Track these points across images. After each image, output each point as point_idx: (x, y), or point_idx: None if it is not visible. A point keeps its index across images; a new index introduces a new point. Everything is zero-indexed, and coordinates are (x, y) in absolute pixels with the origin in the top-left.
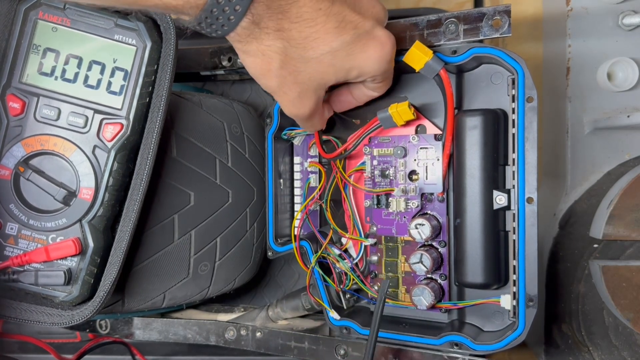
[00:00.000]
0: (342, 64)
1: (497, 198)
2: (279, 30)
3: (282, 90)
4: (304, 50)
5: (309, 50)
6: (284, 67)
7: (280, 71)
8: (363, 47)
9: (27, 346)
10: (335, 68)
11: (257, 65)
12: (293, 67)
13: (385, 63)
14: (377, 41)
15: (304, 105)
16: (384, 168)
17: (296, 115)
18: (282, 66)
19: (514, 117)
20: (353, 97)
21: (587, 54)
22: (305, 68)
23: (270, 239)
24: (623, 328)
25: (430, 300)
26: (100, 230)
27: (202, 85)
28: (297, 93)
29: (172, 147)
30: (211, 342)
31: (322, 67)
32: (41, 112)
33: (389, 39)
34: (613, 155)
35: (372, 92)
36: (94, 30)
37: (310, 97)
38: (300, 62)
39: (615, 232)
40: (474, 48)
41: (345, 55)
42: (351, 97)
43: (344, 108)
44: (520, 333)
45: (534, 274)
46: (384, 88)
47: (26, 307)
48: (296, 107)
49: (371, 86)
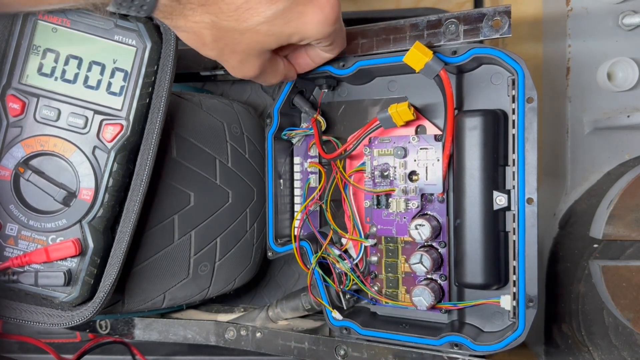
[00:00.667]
0: (281, 31)
1: (497, 199)
2: (204, 5)
3: (223, 58)
4: (237, 22)
5: (242, 22)
6: (218, 40)
7: (215, 44)
8: (300, 13)
9: (27, 346)
10: (274, 36)
11: (191, 40)
12: (229, 38)
13: (328, 26)
14: (314, 5)
15: (248, 69)
16: (383, 168)
17: (244, 77)
18: (216, 39)
19: (514, 118)
20: (310, 59)
21: (587, 54)
22: (242, 39)
23: (270, 239)
24: (623, 328)
25: (430, 300)
26: (100, 231)
27: (202, 85)
28: (238, 60)
29: (172, 147)
30: (211, 342)
31: (259, 36)
32: (41, 113)
33: (327, 2)
34: (613, 155)
35: (326, 54)
36: (93, 30)
37: (254, 62)
38: (235, 34)
39: (615, 232)
40: (474, 48)
41: (283, 23)
42: (309, 59)
43: (304, 69)
44: (520, 334)
45: (534, 274)
46: (336, 50)
47: (26, 307)
48: (241, 72)
49: (322, 48)
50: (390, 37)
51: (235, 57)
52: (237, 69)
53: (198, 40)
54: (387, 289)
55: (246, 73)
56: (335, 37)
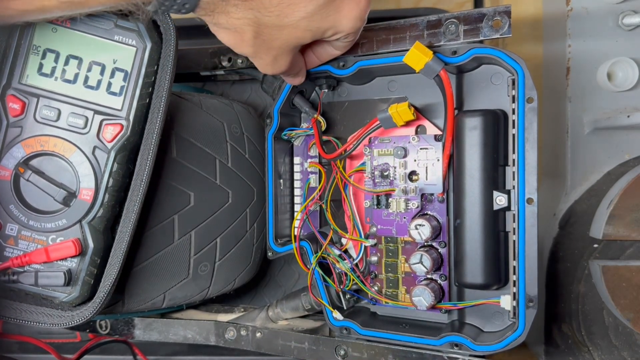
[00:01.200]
0: (319, 26)
1: (497, 199)
2: (247, 0)
3: (258, 56)
4: (278, 18)
5: (283, 18)
6: (258, 37)
7: (254, 40)
8: (338, 7)
9: (27, 346)
10: (312, 32)
11: (230, 38)
12: (267, 35)
13: (360, 21)
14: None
15: (280, 66)
16: (383, 168)
17: (273, 73)
18: (256, 36)
19: (514, 118)
20: (316, 56)
21: (587, 54)
22: (280, 35)
23: (270, 239)
24: (623, 328)
25: (430, 300)
26: (100, 231)
27: (202, 85)
28: (273, 57)
29: (172, 147)
30: (211, 342)
31: (298, 32)
32: (41, 113)
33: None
34: (613, 155)
35: (337, 51)
36: (94, 30)
37: (286, 58)
38: (275, 30)
39: (615, 232)
40: (474, 49)
41: (321, 18)
42: (314, 57)
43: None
44: (520, 334)
45: (534, 274)
46: (350, 46)
47: (26, 307)
48: (273, 69)
49: (339, 45)
50: (390, 37)
51: (270, 53)
52: (269, 66)
53: (238, 37)
54: (387, 289)
55: (277, 69)
56: (359, 32)
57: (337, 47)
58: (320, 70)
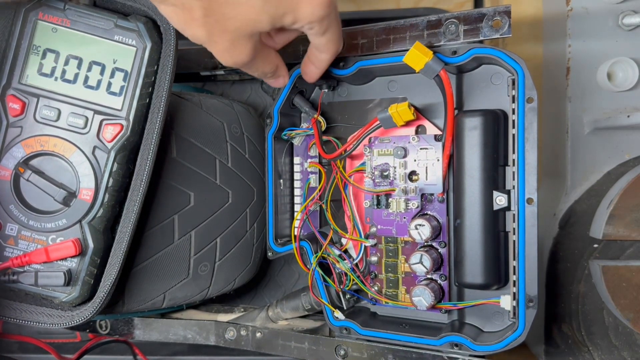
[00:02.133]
0: (276, 9)
1: (497, 199)
2: None
3: (212, 39)
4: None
5: None
6: (209, 15)
7: (205, 19)
8: None
9: (27, 346)
10: (268, 14)
11: (179, 15)
12: (220, 13)
13: (322, 8)
14: None
15: (240, 53)
16: (383, 168)
17: (235, 64)
18: (207, 14)
19: (514, 118)
20: (314, 65)
21: (587, 54)
22: (235, 14)
23: (270, 239)
24: (623, 328)
25: (430, 300)
26: (100, 231)
27: (202, 85)
28: (230, 41)
29: (172, 147)
30: (211, 342)
31: (253, 13)
32: (41, 113)
33: None
34: (613, 155)
35: (321, 53)
36: (93, 30)
37: (246, 44)
38: (227, 8)
39: (615, 232)
40: (474, 49)
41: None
42: (312, 66)
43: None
44: (520, 334)
45: (534, 274)
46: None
47: (26, 307)
48: (232, 56)
49: (315, 42)
50: (390, 37)
51: (226, 37)
52: (227, 52)
53: (186, 15)
54: (387, 289)
55: (237, 58)
56: (328, 25)
57: (316, 46)
58: None
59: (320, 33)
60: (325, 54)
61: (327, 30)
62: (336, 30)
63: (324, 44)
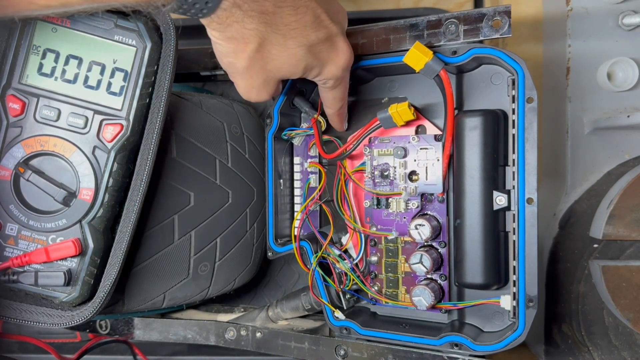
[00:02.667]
0: (311, 61)
1: (497, 199)
2: (263, 13)
3: (249, 73)
4: (284, 38)
5: (289, 40)
6: (259, 51)
7: (254, 54)
8: (330, 49)
9: (27, 346)
10: (304, 63)
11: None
12: (268, 52)
13: (343, 70)
14: (341, 47)
15: (266, 93)
16: (383, 168)
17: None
18: (259, 49)
19: (514, 118)
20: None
21: (587, 54)
22: (279, 56)
23: (270, 239)
24: (623, 328)
25: (430, 300)
26: (100, 231)
27: (202, 85)
28: (263, 80)
29: (172, 147)
30: (211, 342)
31: (294, 59)
32: (41, 113)
33: (349, 49)
34: (613, 155)
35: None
36: (93, 30)
37: (273, 85)
38: (276, 49)
39: (615, 232)
40: (474, 49)
41: (317, 52)
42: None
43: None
44: (520, 334)
45: (533, 274)
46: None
47: (26, 307)
48: (258, 94)
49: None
50: (390, 37)
51: (262, 74)
52: (255, 89)
53: (241, 46)
54: (387, 289)
55: (261, 97)
56: (339, 83)
57: (324, 100)
58: None
59: (330, 88)
60: (330, 109)
61: (336, 88)
62: (343, 89)
63: (330, 99)
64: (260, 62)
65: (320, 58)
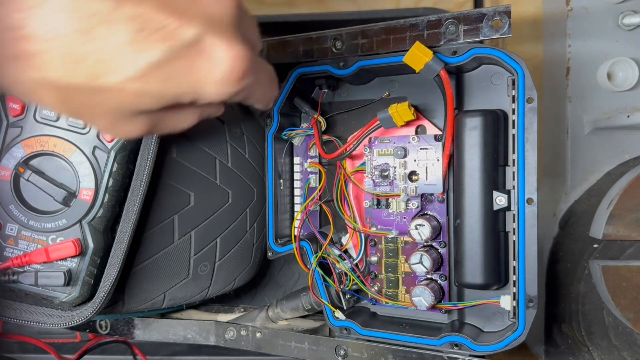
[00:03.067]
0: (162, 91)
1: (497, 199)
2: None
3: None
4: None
5: (98, 78)
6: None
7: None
8: (188, 67)
9: (27, 346)
10: (152, 97)
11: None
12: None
13: (232, 85)
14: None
15: (129, 131)
16: (383, 168)
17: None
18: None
19: (514, 118)
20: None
21: (587, 54)
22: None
23: (270, 239)
24: (623, 328)
25: (430, 300)
26: (100, 231)
27: None
28: (109, 123)
29: (172, 147)
30: (211, 342)
31: (128, 97)
32: (41, 113)
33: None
34: (613, 155)
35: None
36: None
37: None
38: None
39: (615, 232)
40: (474, 49)
41: (163, 79)
42: None
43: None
44: (520, 334)
45: (533, 274)
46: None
47: (26, 307)
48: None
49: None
50: (390, 37)
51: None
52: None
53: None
54: (387, 289)
55: (129, 134)
56: (249, 92)
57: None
58: (320, 70)
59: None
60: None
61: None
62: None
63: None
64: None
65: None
